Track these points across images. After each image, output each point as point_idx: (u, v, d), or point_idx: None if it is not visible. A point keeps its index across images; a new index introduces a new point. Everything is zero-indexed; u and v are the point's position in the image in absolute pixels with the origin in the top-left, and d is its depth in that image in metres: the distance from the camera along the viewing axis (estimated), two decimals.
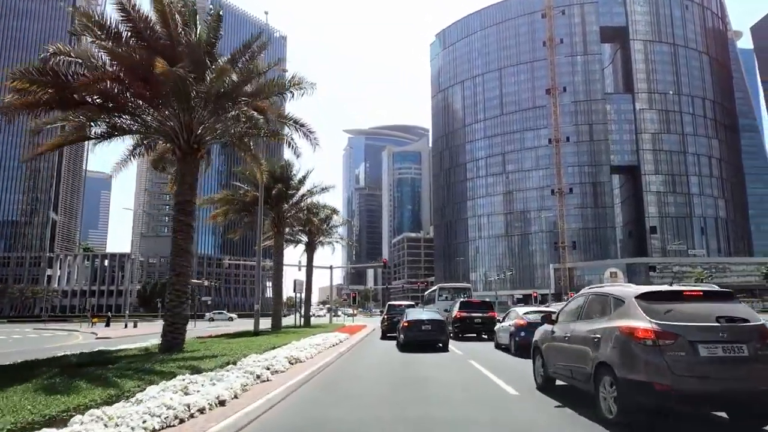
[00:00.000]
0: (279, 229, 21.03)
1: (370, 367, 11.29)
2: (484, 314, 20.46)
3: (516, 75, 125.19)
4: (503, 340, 14.92)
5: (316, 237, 27.26)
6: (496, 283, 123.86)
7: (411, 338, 14.93)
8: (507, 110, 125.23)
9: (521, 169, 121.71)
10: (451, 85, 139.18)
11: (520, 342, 13.04)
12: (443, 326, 15.43)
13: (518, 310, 15.08)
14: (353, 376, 9.99)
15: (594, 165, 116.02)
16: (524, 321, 13.46)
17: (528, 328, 12.53)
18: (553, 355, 7.22)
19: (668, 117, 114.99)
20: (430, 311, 17.97)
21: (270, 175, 19.99)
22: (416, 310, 18.26)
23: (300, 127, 12.87)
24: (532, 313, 14.01)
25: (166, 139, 10.69)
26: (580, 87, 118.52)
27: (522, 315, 14.06)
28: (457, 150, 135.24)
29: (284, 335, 16.03)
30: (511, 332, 13.92)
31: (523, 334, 12.83)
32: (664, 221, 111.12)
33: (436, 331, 15.05)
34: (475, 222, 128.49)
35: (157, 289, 78.57)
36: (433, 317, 15.85)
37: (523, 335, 12.79)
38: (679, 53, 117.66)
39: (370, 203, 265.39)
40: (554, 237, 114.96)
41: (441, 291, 32.18)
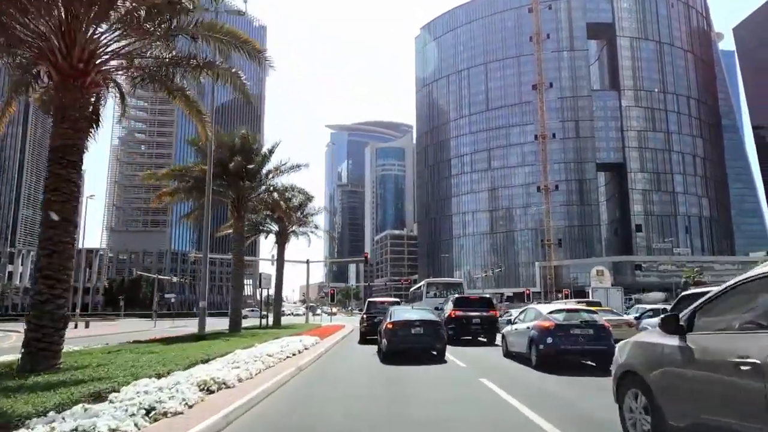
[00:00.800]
0: (240, 212, 17.73)
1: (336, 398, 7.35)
2: (483, 313, 17.22)
3: (502, 70, 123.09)
4: (517, 347, 11.79)
5: (287, 226, 23.85)
6: (481, 281, 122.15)
7: (397, 345, 11.68)
8: (493, 105, 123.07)
9: (507, 166, 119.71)
10: (436, 79, 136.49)
11: (545, 351, 10.10)
12: (438, 329, 12.20)
13: (540, 308, 11.84)
14: (303, 418, 6.03)
15: (580, 162, 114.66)
16: (551, 323, 10.33)
17: (557, 333, 10.04)
18: (697, 397, 3.46)
19: (654, 115, 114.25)
20: (421, 309, 14.27)
21: (228, 147, 16.57)
22: (403, 309, 14.69)
23: (243, 45, 9.37)
24: (560, 312, 10.83)
25: (36, 55, 7.11)
26: (567, 83, 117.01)
27: (547, 314, 10.83)
28: (442, 146, 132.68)
29: (236, 340, 12.68)
30: (531, 337, 10.70)
31: (550, 340, 10.02)
32: (649, 219, 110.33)
33: (429, 335, 11.86)
34: (459, 219, 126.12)
35: (124, 286, 73.92)
36: (425, 317, 12.60)
37: (550, 342, 10.01)
38: (664, 51, 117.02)
39: (353, 200, 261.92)
40: (540, 234, 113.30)
41: (429, 287, 28.04)
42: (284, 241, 24.06)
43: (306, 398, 7.27)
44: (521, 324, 11.89)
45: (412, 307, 15.43)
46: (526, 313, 12.27)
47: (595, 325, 10.37)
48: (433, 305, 21.55)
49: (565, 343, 9.97)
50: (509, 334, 12.66)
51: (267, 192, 19.29)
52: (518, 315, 13.03)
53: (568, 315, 10.72)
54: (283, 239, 23.95)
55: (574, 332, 10.11)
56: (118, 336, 20.43)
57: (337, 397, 7.31)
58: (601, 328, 10.30)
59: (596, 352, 10.07)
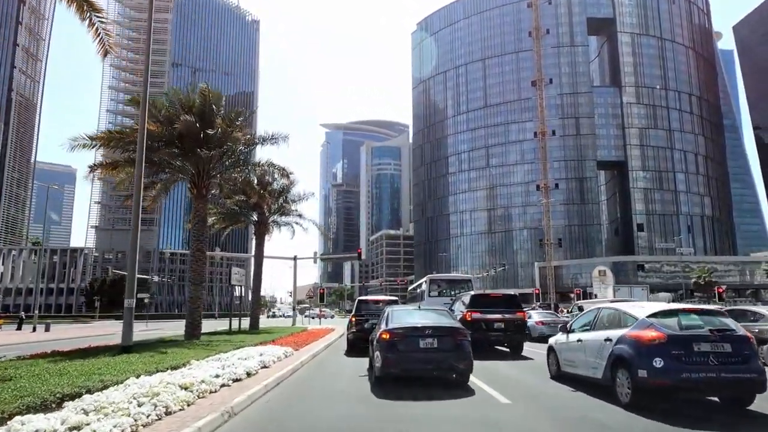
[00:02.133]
0: (201, 191, 14.36)
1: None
2: (508, 315, 13.18)
3: (501, 66, 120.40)
4: (582, 369, 7.86)
5: (266, 214, 20.65)
6: (480, 281, 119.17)
7: (398, 366, 7.91)
8: (491, 102, 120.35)
9: (505, 164, 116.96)
10: (432, 75, 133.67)
11: (651, 381, 6.14)
12: (462, 341, 8.17)
13: (628, 309, 7.36)
14: None
15: (580, 160, 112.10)
16: (659, 333, 6.33)
17: (671, 350, 6.12)
18: None
19: (655, 112, 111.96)
20: (432, 310, 9.67)
21: (186, 107, 13.24)
22: (407, 310, 9.84)
23: None
24: (671, 315, 6.69)
25: None
26: (567, 79, 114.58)
27: (647, 319, 6.66)
28: (439, 143, 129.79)
29: (174, 353, 9.39)
30: (618, 356, 6.74)
31: (661, 363, 6.09)
32: (651, 219, 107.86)
33: (447, 350, 7.96)
34: (457, 218, 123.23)
35: (105, 286, 70.46)
36: (439, 322, 8.62)
37: (661, 367, 6.07)
38: (666, 47, 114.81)
39: (348, 200, 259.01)
40: (539, 234, 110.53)
41: (432, 284, 23.42)
42: (263, 232, 20.87)
43: None
44: (589, 334, 7.84)
45: (418, 308, 10.05)
46: (598, 316, 7.98)
47: (733, 336, 6.29)
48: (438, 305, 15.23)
49: (687, 368, 6.02)
50: (565, 348, 8.66)
51: (236, 168, 15.59)
52: (580, 319, 8.83)
53: (688, 321, 6.54)
54: (262, 230, 20.77)
55: (701, 350, 6.14)
56: (71, 341, 17.93)
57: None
58: (745, 343, 6.28)
59: (738, 383, 6.11)
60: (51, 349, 11.25)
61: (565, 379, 8.57)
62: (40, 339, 22.21)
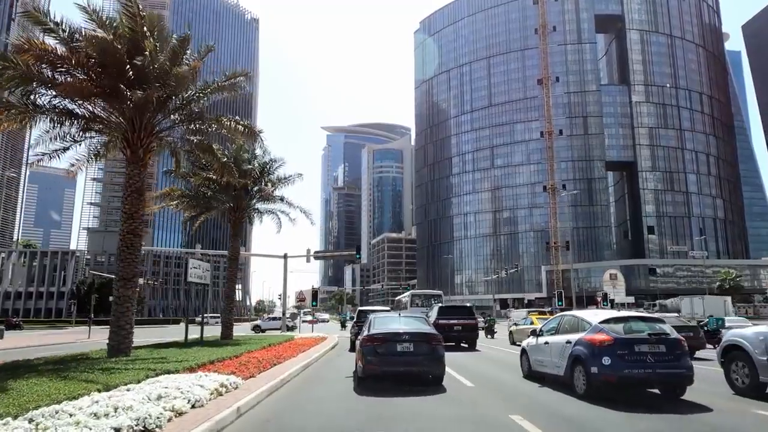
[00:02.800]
0: (135, 151, 10.62)
1: None
2: (465, 321, 18.45)
3: (506, 64, 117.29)
4: (548, 368, 8.94)
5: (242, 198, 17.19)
6: (483, 285, 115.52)
7: (376, 369, 8.45)
8: (496, 101, 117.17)
9: (510, 164, 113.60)
10: (436, 74, 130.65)
11: (602, 377, 7.24)
12: (436, 346, 8.78)
13: (585, 316, 8.51)
14: None
15: (588, 160, 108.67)
16: (607, 336, 7.49)
17: (617, 351, 7.22)
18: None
19: (665, 111, 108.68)
20: (411, 317, 10.36)
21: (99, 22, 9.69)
22: (388, 317, 10.73)
23: None
24: (617, 322, 7.81)
25: None
26: (574, 77, 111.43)
27: (599, 324, 7.77)
28: (442, 144, 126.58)
29: (33, 385, 5.81)
30: (576, 356, 7.83)
31: (608, 361, 7.23)
32: (662, 221, 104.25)
33: (422, 354, 8.60)
34: (460, 220, 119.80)
35: (94, 289, 66.99)
36: (417, 328, 9.11)
37: (608, 364, 7.21)
38: (675, 45, 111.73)
39: (349, 204, 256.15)
40: (545, 236, 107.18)
41: (414, 297, 28.58)
42: (238, 221, 17.43)
43: None
44: (556, 337, 8.93)
45: (399, 315, 11.16)
46: (560, 323, 9.17)
47: (668, 339, 7.57)
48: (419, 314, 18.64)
49: (629, 365, 7.30)
50: (534, 350, 9.68)
51: (189, 123, 11.51)
52: (547, 324, 9.91)
53: (629, 325, 7.84)
54: (238, 219, 17.32)
55: (641, 349, 7.44)
56: (15, 352, 15.48)
57: None
58: (677, 344, 7.60)
59: (671, 377, 7.48)
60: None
61: (534, 378, 9.46)
62: None
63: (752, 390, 7.80)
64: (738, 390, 8.06)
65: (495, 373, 11.01)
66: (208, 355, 9.92)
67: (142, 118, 10.29)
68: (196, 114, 11.39)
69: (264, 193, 17.87)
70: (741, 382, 8.07)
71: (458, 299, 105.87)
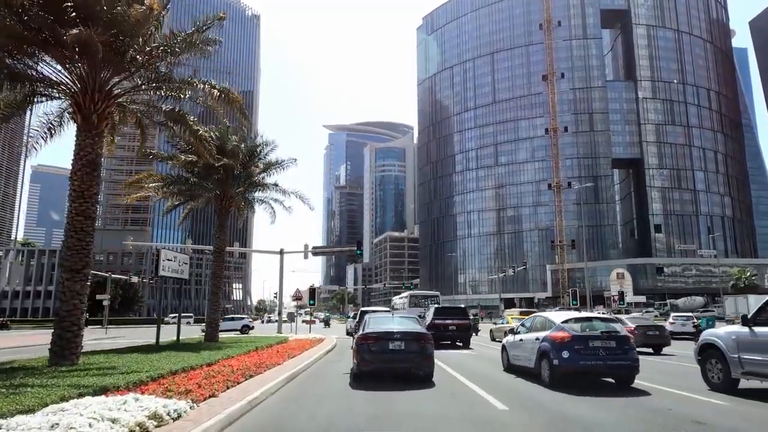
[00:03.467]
0: (87, 117, 8.92)
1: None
2: (459, 321, 19.70)
3: (510, 60, 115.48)
4: (522, 361, 10.11)
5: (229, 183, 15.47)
6: (487, 285, 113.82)
7: (371, 365, 9.16)
8: (500, 98, 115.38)
9: (515, 162, 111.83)
10: (439, 71, 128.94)
11: (562, 368, 8.51)
12: (425, 344, 9.34)
13: (551, 317, 10.02)
14: None
15: (594, 157, 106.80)
16: (567, 334, 8.76)
17: (574, 346, 8.59)
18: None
19: (672, 107, 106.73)
20: (404, 317, 11.55)
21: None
22: (382, 317, 11.61)
23: None
24: (576, 322, 9.17)
25: None
26: (579, 73, 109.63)
27: (561, 324, 9.11)
28: (445, 141, 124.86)
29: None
30: (542, 351, 9.06)
31: (567, 354, 8.53)
32: (669, 219, 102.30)
33: (413, 352, 9.13)
34: (464, 219, 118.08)
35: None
36: (408, 328, 9.84)
37: (567, 357, 8.51)
38: (683, 40, 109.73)
39: (351, 203, 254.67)
40: (550, 235, 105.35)
41: (412, 298, 30.27)
42: (225, 209, 15.78)
43: None
44: (528, 334, 10.27)
45: (392, 315, 12.37)
46: (532, 322, 10.59)
47: (617, 336, 8.99)
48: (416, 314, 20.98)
49: (585, 358, 8.62)
50: (512, 346, 11.11)
51: (158, 86, 9.78)
52: (522, 324, 11.25)
53: (586, 324, 9.29)
54: (224, 207, 15.66)
55: (594, 345, 8.76)
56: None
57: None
58: (625, 340, 9.01)
59: (620, 368, 8.89)
60: None
61: (513, 371, 10.60)
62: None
63: (725, 386, 8.26)
64: (713, 386, 8.52)
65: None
66: (173, 364, 8.31)
67: (95, 77, 8.68)
68: (163, 75, 9.74)
69: (253, 178, 16.10)
70: (716, 378, 8.55)
71: (462, 299, 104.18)
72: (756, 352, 7.67)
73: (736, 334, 8.19)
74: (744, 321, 8.21)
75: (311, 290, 23.95)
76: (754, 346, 7.74)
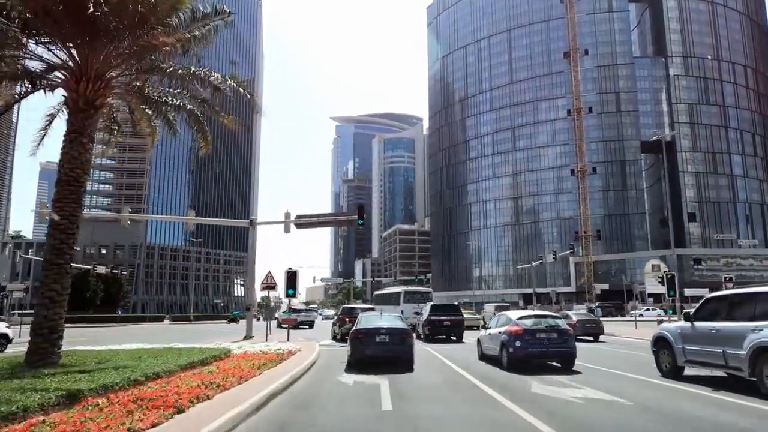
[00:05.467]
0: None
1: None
2: (453, 317, 21.46)
3: (528, 36, 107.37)
4: (490, 351, 12.59)
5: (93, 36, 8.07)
6: (502, 280, 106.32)
7: (362, 354, 11.46)
8: (517, 78, 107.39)
9: (534, 146, 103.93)
10: (451, 51, 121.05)
11: (515, 354, 10.95)
12: (405, 337, 11.67)
13: (510, 315, 12.53)
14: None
15: (620, 140, 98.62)
16: (519, 328, 11.21)
17: (524, 337, 10.97)
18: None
19: (707, 85, 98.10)
20: (389, 316, 13.37)
21: None
22: (372, 315, 13.63)
23: None
24: (528, 318, 11.73)
25: None
26: (604, 49, 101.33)
27: (516, 320, 11.58)
28: (458, 125, 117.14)
29: None
30: (502, 342, 11.52)
31: (519, 344, 10.95)
32: (704, 207, 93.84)
33: (395, 343, 11.45)
34: (479, 208, 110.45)
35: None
36: (391, 325, 11.88)
37: (519, 345, 10.94)
38: (717, 13, 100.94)
39: (359, 196, 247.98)
40: (572, 225, 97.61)
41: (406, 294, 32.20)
42: (91, 104, 8.74)
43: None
44: (494, 329, 12.53)
45: (380, 314, 14.31)
46: (498, 319, 12.91)
47: (559, 329, 11.31)
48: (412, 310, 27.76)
49: (532, 346, 10.93)
50: (483, 339, 13.44)
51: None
52: (492, 321, 13.76)
53: (536, 320, 11.57)
54: (89, 100, 8.53)
55: (540, 336, 11.06)
56: None
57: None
58: (565, 332, 11.35)
59: (560, 354, 11.32)
60: None
61: (486, 359, 12.95)
62: None
63: (673, 372, 9.78)
64: (663, 373, 10.03)
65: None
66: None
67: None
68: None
69: (149, 38, 8.69)
70: (666, 366, 10.09)
71: (479, 294, 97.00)
72: (695, 343, 9.18)
73: (681, 328, 9.74)
74: (686, 317, 9.75)
75: (289, 275, 16.49)
76: (693, 338, 9.25)
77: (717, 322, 8.66)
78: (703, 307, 9.30)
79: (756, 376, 7.54)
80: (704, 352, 8.74)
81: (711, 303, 9.27)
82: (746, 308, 8.31)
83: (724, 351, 8.20)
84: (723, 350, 8.23)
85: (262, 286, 17.62)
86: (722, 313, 8.76)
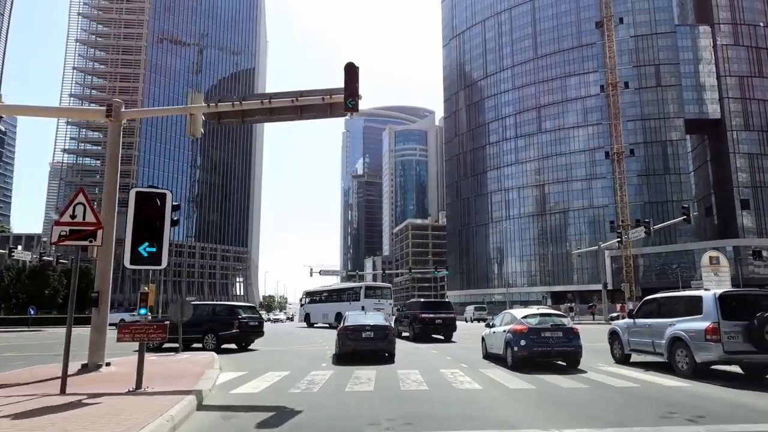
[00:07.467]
0: None
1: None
2: (445, 315, 21.55)
3: (555, 6, 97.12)
4: (495, 349, 12.69)
5: None
6: (527, 276, 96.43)
7: (350, 348, 13.01)
8: (543, 52, 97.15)
9: (562, 127, 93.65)
10: (468, 27, 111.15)
11: (519, 354, 10.95)
12: (388, 333, 13.30)
13: (515, 313, 12.40)
14: None
15: (662, 118, 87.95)
16: (524, 326, 11.21)
17: (529, 336, 11.00)
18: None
19: (759, 56, 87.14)
20: (374, 314, 15.73)
21: None
22: (358, 314, 15.92)
23: None
24: (533, 317, 11.64)
25: None
26: (642, 17, 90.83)
27: (521, 319, 11.52)
28: (477, 108, 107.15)
29: None
30: (506, 341, 11.53)
31: (524, 343, 10.96)
32: (759, 192, 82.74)
33: (379, 339, 13.06)
34: (500, 197, 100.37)
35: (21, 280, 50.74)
36: (376, 322, 13.58)
37: (524, 344, 10.94)
38: None
39: (370, 192, 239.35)
40: (606, 214, 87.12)
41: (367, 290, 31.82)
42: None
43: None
44: (498, 328, 12.60)
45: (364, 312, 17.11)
46: (503, 318, 12.98)
47: (564, 328, 11.38)
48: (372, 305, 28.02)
49: (537, 345, 10.92)
50: (488, 337, 13.58)
51: None
52: (496, 319, 13.74)
53: (541, 319, 11.52)
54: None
55: (545, 335, 11.09)
56: None
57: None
58: (570, 331, 11.38)
59: (565, 353, 11.28)
60: None
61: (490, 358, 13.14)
62: None
63: (622, 359, 12.09)
64: (616, 360, 12.34)
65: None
66: None
67: None
68: None
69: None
70: (617, 354, 12.42)
71: (501, 292, 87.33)
72: (636, 335, 11.62)
73: (627, 324, 12.17)
74: (629, 314, 12.43)
75: None
76: (635, 331, 11.69)
77: (650, 319, 11.24)
78: (642, 307, 11.94)
79: (670, 359, 10.16)
80: (642, 342, 11.34)
81: (647, 304, 11.83)
82: (668, 308, 10.92)
83: (653, 341, 10.79)
84: (653, 340, 10.82)
85: None
86: (654, 311, 11.30)
